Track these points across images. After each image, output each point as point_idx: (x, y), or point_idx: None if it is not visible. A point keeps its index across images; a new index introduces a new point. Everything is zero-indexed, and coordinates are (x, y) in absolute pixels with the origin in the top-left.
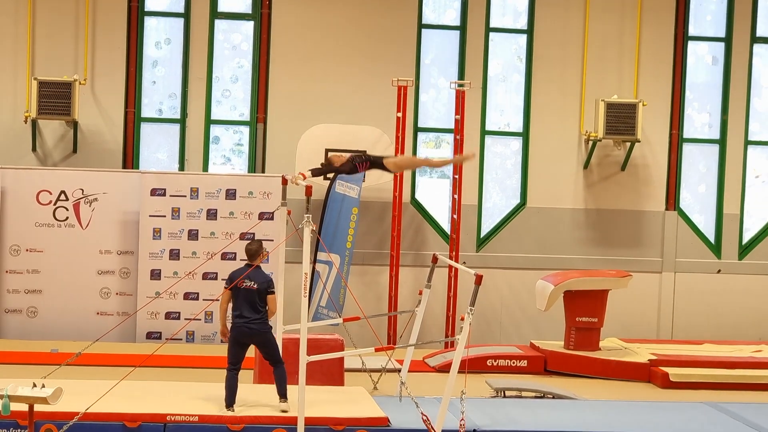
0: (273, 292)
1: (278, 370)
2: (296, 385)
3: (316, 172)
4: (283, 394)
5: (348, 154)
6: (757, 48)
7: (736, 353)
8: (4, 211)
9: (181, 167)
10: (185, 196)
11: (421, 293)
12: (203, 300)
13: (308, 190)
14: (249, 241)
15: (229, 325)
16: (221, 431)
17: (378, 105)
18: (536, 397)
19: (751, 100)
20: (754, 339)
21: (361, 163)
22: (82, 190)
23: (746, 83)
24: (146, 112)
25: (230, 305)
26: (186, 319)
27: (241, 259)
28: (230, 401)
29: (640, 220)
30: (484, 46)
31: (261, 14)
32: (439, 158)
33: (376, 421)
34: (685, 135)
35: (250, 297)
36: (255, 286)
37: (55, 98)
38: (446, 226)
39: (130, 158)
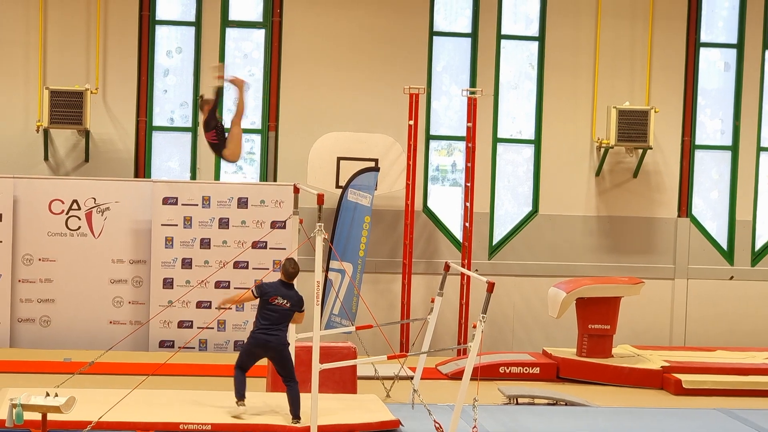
0: (303, 311)
1: (292, 389)
2: (309, 393)
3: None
4: (296, 415)
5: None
6: None
7: (749, 360)
8: (16, 220)
9: (193, 176)
10: (197, 205)
11: (433, 301)
12: (216, 309)
13: (320, 198)
14: (289, 260)
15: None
16: None
17: (390, 113)
18: (549, 404)
19: (764, 106)
20: (767, 346)
21: (212, 129)
22: (94, 199)
23: (759, 89)
24: (158, 120)
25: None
26: (199, 327)
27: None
28: (240, 394)
29: (652, 226)
30: (495, 53)
31: (272, 22)
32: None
33: (388, 425)
34: (698, 141)
35: (279, 314)
36: (288, 304)
37: (67, 107)
38: (458, 234)
39: (141, 167)
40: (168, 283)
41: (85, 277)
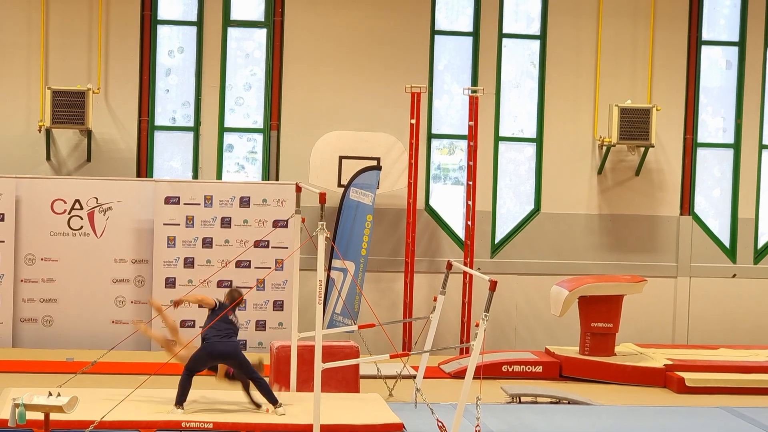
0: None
1: (259, 382)
2: (311, 392)
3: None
4: (273, 402)
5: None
6: None
7: (751, 358)
8: (19, 220)
9: (195, 175)
10: (199, 204)
11: (435, 300)
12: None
13: (322, 197)
14: (236, 290)
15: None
16: None
17: (391, 112)
18: (552, 403)
19: (766, 104)
20: None
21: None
22: (97, 199)
23: (760, 87)
24: (160, 120)
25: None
26: (200, 327)
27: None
28: (181, 400)
29: (654, 225)
30: (497, 52)
31: (274, 22)
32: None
33: (392, 428)
34: (700, 139)
35: (232, 330)
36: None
37: (69, 107)
38: (460, 233)
39: (143, 167)
40: (170, 283)
41: (87, 277)
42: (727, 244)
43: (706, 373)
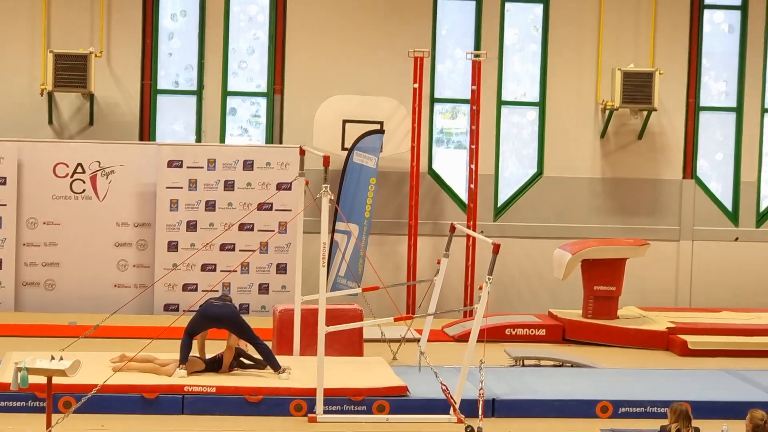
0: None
1: (260, 347)
2: (315, 356)
3: None
4: (276, 367)
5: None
6: None
7: (754, 321)
8: (21, 184)
9: (198, 139)
10: (202, 168)
11: (439, 262)
12: (221, 271)
13: (326, 160)
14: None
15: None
16: (239, 402)
17: (394, 76)
18: (555, 366)
19: None
20: None
21: None
22: (99, 163)
23: (762, 51)
24: (162, 84)
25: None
26: (203, 290)
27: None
28: (184, 359)
29: (657, 188)
30: (500, 16)
31: None
32: None
33: (396, 391)
34: (702, 103)
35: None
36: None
37: (71, 71)
38: (463, 196)
39: (146, 130)
40: (173, 246)
41: (89, 241)
42: (729, 207)
43: (709, 336)
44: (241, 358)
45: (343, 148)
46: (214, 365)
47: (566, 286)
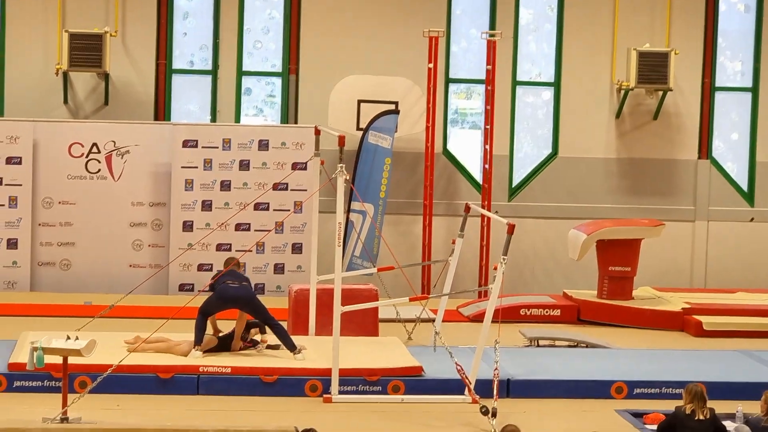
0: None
1: (276, 328)
2: (330, 336)
3: None
4: (291, 347)
5: None
6: None
7: None
8: (36, 164)
9: (213, 118)
10: (217, 147)
11: (454, 243)
12: (236, 251)
13: (341, 140)
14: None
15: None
16: (254, 383)
17: (409, 56)
18: (570, 347)
19: None
20: None
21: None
22: (114, 143)
23: None
24: (177, 63)
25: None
26: (218, 270)
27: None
28: (199, 340)
29: (672, 169)
30: None
31: None
32: None
33: (411, 371)
34: (718, 83)
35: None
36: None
37: (87, 50)
38: (478, 176)
39: (161, 110)
40: (188, 226)
41: (104, 220)
42: (744, 187)
43: (724, 317)
44: (252, 330)
45: (358, 128)
46: (226, 340)
47: (581, 266)
